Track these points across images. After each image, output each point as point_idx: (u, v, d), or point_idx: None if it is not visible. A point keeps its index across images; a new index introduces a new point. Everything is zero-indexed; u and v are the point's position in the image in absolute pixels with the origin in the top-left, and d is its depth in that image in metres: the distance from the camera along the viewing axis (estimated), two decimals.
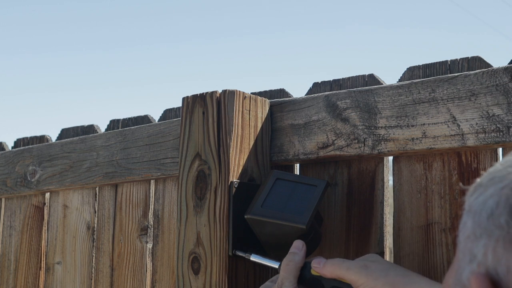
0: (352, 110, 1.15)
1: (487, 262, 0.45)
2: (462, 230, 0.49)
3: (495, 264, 0.44)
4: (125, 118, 1.62)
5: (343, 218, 1.18)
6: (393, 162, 1.13)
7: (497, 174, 0.47)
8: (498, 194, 0.45)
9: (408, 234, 1.09)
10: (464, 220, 0.49)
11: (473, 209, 0.48)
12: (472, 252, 0.46)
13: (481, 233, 0.46)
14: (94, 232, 1.57)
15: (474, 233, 0.46)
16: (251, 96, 1.22)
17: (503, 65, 1.01)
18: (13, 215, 1.78)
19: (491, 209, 0.45)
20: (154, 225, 1.45)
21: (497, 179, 0.47)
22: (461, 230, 0.49)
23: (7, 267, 1.77)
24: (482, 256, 0.45)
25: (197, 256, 1.17)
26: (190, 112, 1.23)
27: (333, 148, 1.17)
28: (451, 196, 1.05)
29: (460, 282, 0.47)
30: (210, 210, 1.16)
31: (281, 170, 1.19)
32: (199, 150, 1.20)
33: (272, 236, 1.09)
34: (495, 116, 1.00)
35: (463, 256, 0.48)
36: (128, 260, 1.48)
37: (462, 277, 0.47)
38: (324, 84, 1.27)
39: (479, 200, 0.47)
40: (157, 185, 1.46)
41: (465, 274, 0.47)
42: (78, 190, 1.62)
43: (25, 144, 1.84)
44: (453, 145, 1.03)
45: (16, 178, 1.75)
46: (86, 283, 1.57)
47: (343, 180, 1.19)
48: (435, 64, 1.13)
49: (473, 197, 0.48)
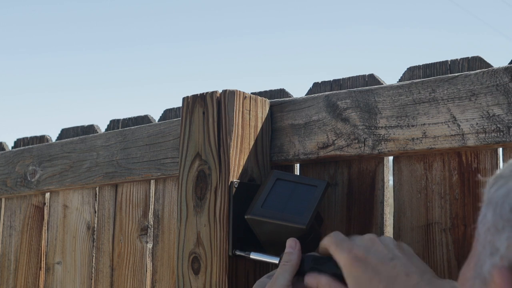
0: (352, 110, 1.15)
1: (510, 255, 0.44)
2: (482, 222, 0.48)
3: None
4: (125, 118, 1.62)
5: (343, 218, 1.18)
6: (393, 162, 1.13)
7: None
8: None
9: (408, 234, 1.09)
10: (483, 212, 0.48)
11: (493, 201, 0.46)
12: (494, 245, 0.45)
13: (504, 225, 0.45)
14: (94, 232, 1.57)
15: (496, 226, 0.45)
16: (251, 96, 1.22)
17: (503, 65, 1.01)
18: (13, 215, 1.78)
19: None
20: (154, 225, 1.45)
21: None
22: (481, 223, 0.48)
23: (7, 267, 1.77)
24: (505, 249, 0.44)
25: (197, 256, 1.17)
26: (190, 112, 1.22)
27: (333, 148, 1.17)
28: (451, 196, 1.05)
29: (480, 275, 0.47)
30: (210, 210, 1.16)
31: (281, 170, 1.19)
32: (199, 150, 1.20)
33: (272, 236, 1.09)
34: (495, 116, 1.00)
35: (483, 249, 0.47)
36: (128, 260, 1.48)
37: (483, 270, 0.46)
38: (324, 84, 1.27)
39: (500, 192, 0.46)
40: (157, 185, 1.46)
41: (486, 267, 0.46)
42: (78, 190, 1.62)
43: (25, 144, 1.84)
44: (453, 145, 1.03)
45: (16, 178, 1.75)
46: (86, 283, 1.57)
47: (343, 180, 1.19)
48: (435, 64, 1.13)
49: (493, 188, 0.47)
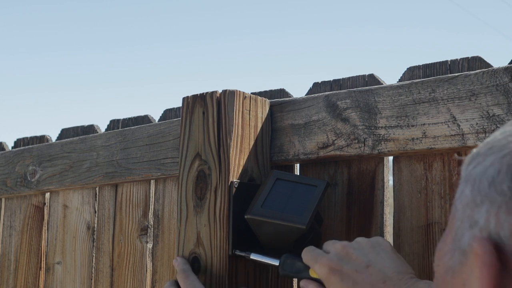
0: (352, 110, 1.15)
1: (489, 227, 0.46)
2: (459, 198, 0.50)
3: (498, 229, 0.45)
4: (125, 118, 1.62)
5: (343, 218, 1.18)
6: (393, 162, 1.13)
7: (497, 143, 0.48)
8: (499, 162, 0.47)
9: (408, 234, 1.09)
10: (461, 189, 0.50)
11: (471, 178, 0.49)
12: (473, 218, 0.47)
13: (482, 200, 0.47)
14: (94, 232, 1.57)
15: (474, 201, 0.47)
16: (251, 96, 1.22)
17: (503, 65, 1.01)
18: (13, 215, 1.78)
19: (492, 177, 0.46)
20: (154, 225, 1.45)
21: (497, 148, 0.48)
22: (458, 199, 0.50)
23: (7, 267, 1.77)
24: (485, 221, 0.46)
25: (197, 256, 1.17)
26: (190, 112, 1.22)
27: (333, 148, 1.17)
28: (451, 196, 1.05)
29: (459, 248, 0.48)
30: (210, 210, 1.16)
31: (281, 170, 1.19)
32: (199, 150, 1.20)
33: (272, 236, 1.09)
34: (495, 116, 1.00)
35: (461, 223, 0.49)
36: (128, 260, 1.48)
37: (461, 243, 0.48)
38: (324, 84, 1.27)
39: (478, 169, 0.48)
40: (157, 185, 1.46)
41: (465, 240, 0.48)
42: (78, 190, 1.62)
43: (25, 144, 1.84)
44: (453, 145, 1.03)
45: (16, 178, 1.75)
46: (86, 283, 1.57)
47: (343, 180, 1.19)
48: (435, 64, 1.13)
49: (471, 166, 0.49)
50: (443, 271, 0.50)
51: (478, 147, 0.50)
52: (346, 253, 0.92)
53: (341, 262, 0.91)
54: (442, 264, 0.51)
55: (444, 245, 0.52)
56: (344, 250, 0.93)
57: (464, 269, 0.47)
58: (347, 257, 0.92)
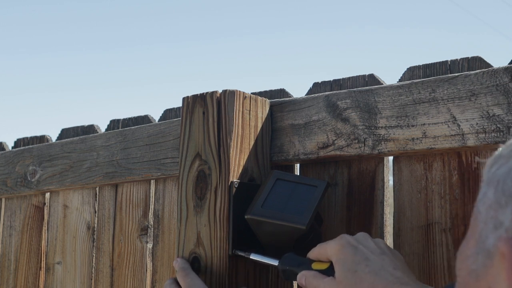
0: (352, 110, 1.15)
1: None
2: (482, 200, 0.49)
3: None
4: (125, 118, 1.62)
5: (343, 218, 1.18)
6: (393, 162, 1.13)
7: None
8: None
9: (408, 234, 1.09)
10: (483, 191, 0.50)
11: (494, 179, 0.48)
12: (498, 219, 0.47)
13: (507, 201, 0.46)
14: (94, 232, 1.57)
15: (498, 202, 0.47)
16: (251, 96, 1.22)
17: (503, 65, 1.01)
18: (13, 215, 1.79)
19: None
20: (154, 225, 1.45)
21: None
22: (481, 201, 0.50)
23: (7, 267, 1.77)
24: (510, 222, 0.46)
25: (197, 256, 1.17)
26: (190, 112, 1.23)
27: (333, 148, 1.17)
28: (451, 196, 1.05)
29: (483, 250, 0.48)
30: (210, 210, 1.16)
31: (281, 170, 1.19)
32: (199, 150, 1.20)
33: (272, 236, 1.09)
34: (495, 116, 1.00)
35: (485, 225, 0.48)
36: (128, 260, 1.48)
37: (486, 244, 0.48)
38: (324, 84, 1.27)
39: (501, 171, 0.48)
40: (157, 185, 1.46)
41: (489, 241, 0.47)
42: (78, 190, 1.62)
43: (25, 144, 1.84)
44: (453, 145, 1.03)
45: (16, 178, 1.75)
46: (86, 283, 1.57)
47: (343, 180, 1.19)
48: (435, 64, 1.13)
49: (493, 168, 0.49)
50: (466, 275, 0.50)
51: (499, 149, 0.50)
52: (365, 238, 0.92)
53: (357, 242, 0.91)
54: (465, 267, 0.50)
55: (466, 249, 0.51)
56: (364, 236, 0.93)
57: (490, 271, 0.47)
58: (366, 241, 0.92)
